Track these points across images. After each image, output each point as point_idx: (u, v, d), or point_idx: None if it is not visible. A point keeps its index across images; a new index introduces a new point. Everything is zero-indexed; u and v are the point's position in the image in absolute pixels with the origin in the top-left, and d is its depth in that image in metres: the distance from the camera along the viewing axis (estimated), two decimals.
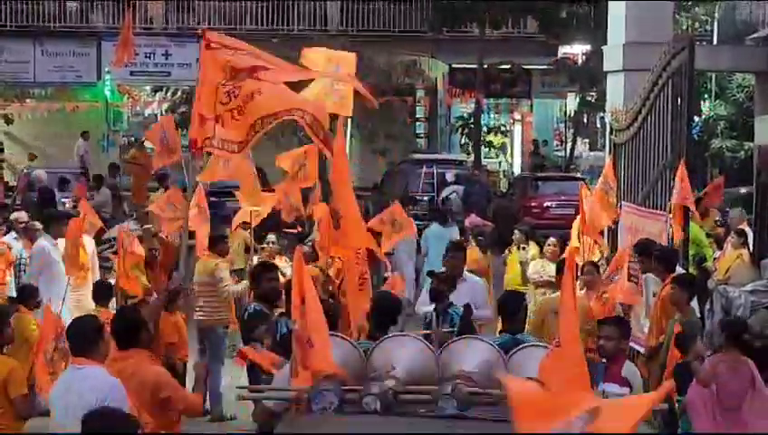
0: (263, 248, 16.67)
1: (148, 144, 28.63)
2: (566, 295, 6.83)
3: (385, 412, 6.23)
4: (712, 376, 9.83)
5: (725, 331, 10.35)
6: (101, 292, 14.82)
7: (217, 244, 15.43)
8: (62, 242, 15.11)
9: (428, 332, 11.24)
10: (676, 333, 11.38)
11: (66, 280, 14.96)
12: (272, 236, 16.83)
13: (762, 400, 9.38)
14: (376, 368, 6.71)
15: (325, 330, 6.92)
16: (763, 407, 9.25)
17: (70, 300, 15.73)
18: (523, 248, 17.80)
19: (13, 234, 16.80)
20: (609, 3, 18.89)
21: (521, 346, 7.29)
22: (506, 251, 18.34)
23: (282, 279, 12.76)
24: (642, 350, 13.08)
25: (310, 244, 15.51)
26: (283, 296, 10.90)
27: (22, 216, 17.20)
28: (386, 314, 9.50)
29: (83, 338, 8.01)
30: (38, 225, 16.28)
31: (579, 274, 13.57)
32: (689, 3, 37.28)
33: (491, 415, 6.26)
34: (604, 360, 9.55)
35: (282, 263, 15.54)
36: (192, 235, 15.00)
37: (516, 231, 18.50)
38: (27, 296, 13.79)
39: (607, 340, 9.40)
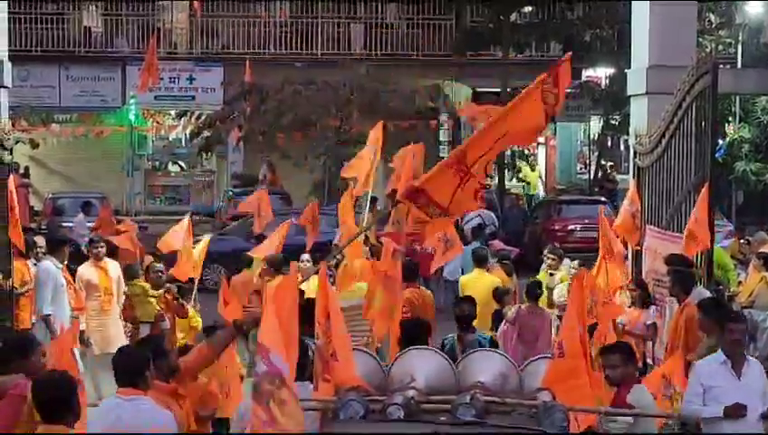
0: (302, 266, 16.33)
1: None
2: (572, 312, 7.63)
3: (408, 420, 6.51)
4: (516, 317, 14.23)
5: (527, 291, 14.95)
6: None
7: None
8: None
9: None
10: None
11: (70, 303, 15.00)
12: (305, 256, 16.57)
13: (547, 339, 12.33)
14: (396, 380, 7.07)
15: (349, 344, 7.22)
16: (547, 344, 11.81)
17: (94, 325, 15.79)
18: (551, 274, 17.67)
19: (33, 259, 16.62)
20: (633, 26, 18.86)
21: (531, 359, 7.80)
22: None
23: None
24: None
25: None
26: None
27: (40, 240, 16.95)
28: (415, 338, 9.44)
29: (131, 368, 7.85)
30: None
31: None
32: (713, 26, 37.24)
33: (507, 422, 6.56)
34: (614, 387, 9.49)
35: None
36: None
37: (549, 255, 18.26)
38: None
39: (612, 368, 9.30)
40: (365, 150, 15.75)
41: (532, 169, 44.31)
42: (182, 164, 44.63)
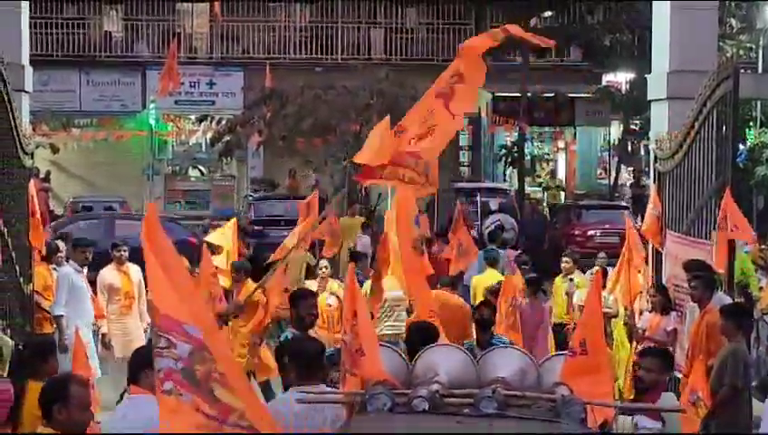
0: (321, 272, 16.48)
1: None
2: (593, 309, 7.93)
3: (433, 412, 6.76)
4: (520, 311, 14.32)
5: (527, 286, 15.58)
6: None
7: None
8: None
9: None
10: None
11: (91, 306, 15.04)
12: (324, 262, 16.78)
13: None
14: (420, 375, 7.35)
15: (375, 341, 7.62)
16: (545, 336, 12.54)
17: (115, 329, 15.83)
18: (570, 280, 17.66)
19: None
20: (653, 31, 18.81)
21: (549, 356, 8.22)
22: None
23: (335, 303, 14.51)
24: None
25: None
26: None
27: (62, 245, 17.01)
28: (423, 342, 9.47)
29: (139, 367, 7.87)
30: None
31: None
32: (734, 30, 37.19)
33: (527, 414, 6.79)
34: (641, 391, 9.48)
35: (335, 286, 15.65)
36: None
37: (565, 260, 18.26)
38: None
39: (647, 372, 9.28)
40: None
41: (553, 179, 44.36)
42: (202, 169, 44.70)
